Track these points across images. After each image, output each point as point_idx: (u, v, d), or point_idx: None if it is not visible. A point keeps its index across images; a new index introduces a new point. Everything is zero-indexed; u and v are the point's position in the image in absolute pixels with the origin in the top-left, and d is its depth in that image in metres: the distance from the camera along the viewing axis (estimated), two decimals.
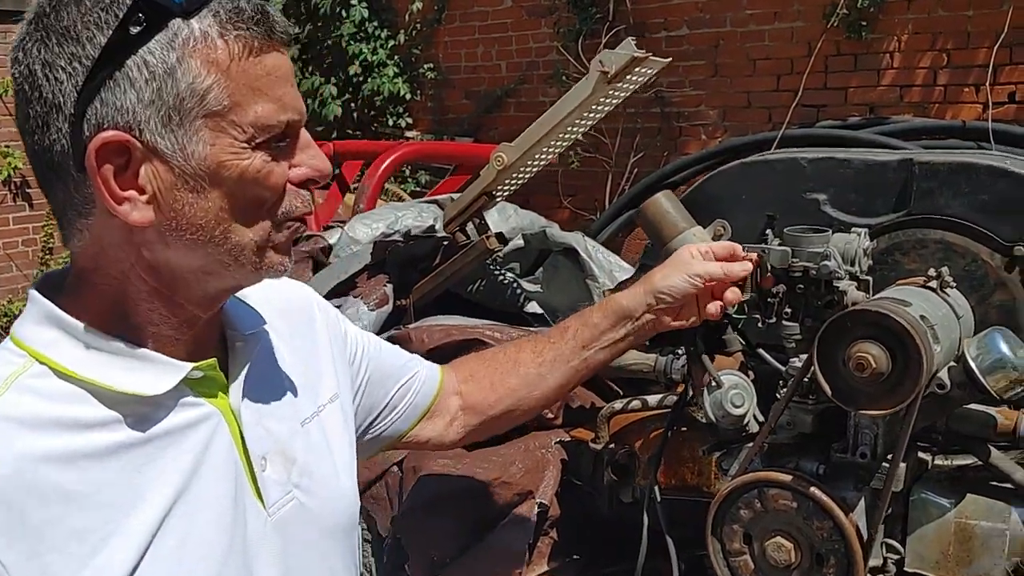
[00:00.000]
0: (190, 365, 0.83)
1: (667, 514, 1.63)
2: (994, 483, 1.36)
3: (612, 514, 1.74)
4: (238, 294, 0.94)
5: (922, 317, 1.26)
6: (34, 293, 0.83)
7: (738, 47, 5.85)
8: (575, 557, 1.81)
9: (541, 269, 2.40)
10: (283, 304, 1.04)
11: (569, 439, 1.81)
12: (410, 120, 7.12)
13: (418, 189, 6.01)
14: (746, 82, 5.86)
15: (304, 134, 0.86)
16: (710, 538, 1.44)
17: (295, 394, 0.98)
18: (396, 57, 7.05)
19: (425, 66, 7.09)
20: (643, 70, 1.79)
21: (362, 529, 1.79)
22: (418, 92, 7.14)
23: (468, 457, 1.74)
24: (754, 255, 1.35)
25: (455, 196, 2.24)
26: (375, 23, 6.98)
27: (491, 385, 1.33)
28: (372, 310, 1.99)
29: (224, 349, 0.91)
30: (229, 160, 0.79)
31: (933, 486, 1.39)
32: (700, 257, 1.30)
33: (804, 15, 5.47)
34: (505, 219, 2.53)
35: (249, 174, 0.80)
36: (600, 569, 1.79)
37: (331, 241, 2.38)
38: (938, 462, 1.41)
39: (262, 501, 0.89)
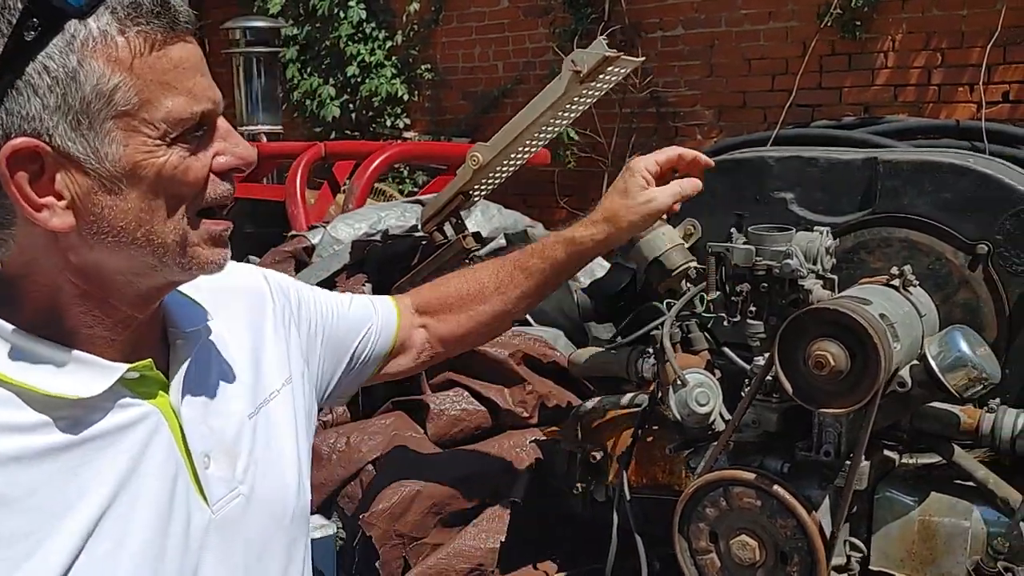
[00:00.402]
0: (125, 366, 0.83)
1: (641, 513, 1.63)
2: (958, 481, 1.36)
3: (587, 513, 1.74)
4: (189, 285, 0.93)
5: (882, 315, 1.26)
6: None
7: (733, 47, 5.86)
8: (551, 556, 1.81)
9: None
10: (232, 291, 1.03)
11: (544, 438, 1.81)
12: (408, 121, 7.14)
13: (415, 189, 6.02)
14: (741, 82, 5.87)
15: (222, 122, 0.85)
16: (677, 536, 1.45)
17: (242, 387, 0.98)
18: (394, 58, 7.07)
19: (422, 67, 7.11)
20: (616, 69, 1.79)
21: (337, 528, 1.79)
22: (416, 93, 7.16)
23: (442, 455, 1.75)
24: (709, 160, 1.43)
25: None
26: (373, 24, 7.00)
27: (458, 317, 1.40)
28: None
29: (166, 347, 0.91)
30: (144, 159, 0.78)
31: (898, 484, 1.39)
32: (650, 187, 1.38)
33: (799, 15, 5.47)
34: (488, 219, 2.54)
35: (166, 171, 0.79)
36: (575, 568, 1.79)
37: (314, 241, 2.39)
38: (904, 461, 1.41)
39: (205, 499, 0.89)
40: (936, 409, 1.36)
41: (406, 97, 7.09)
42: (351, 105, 7.09)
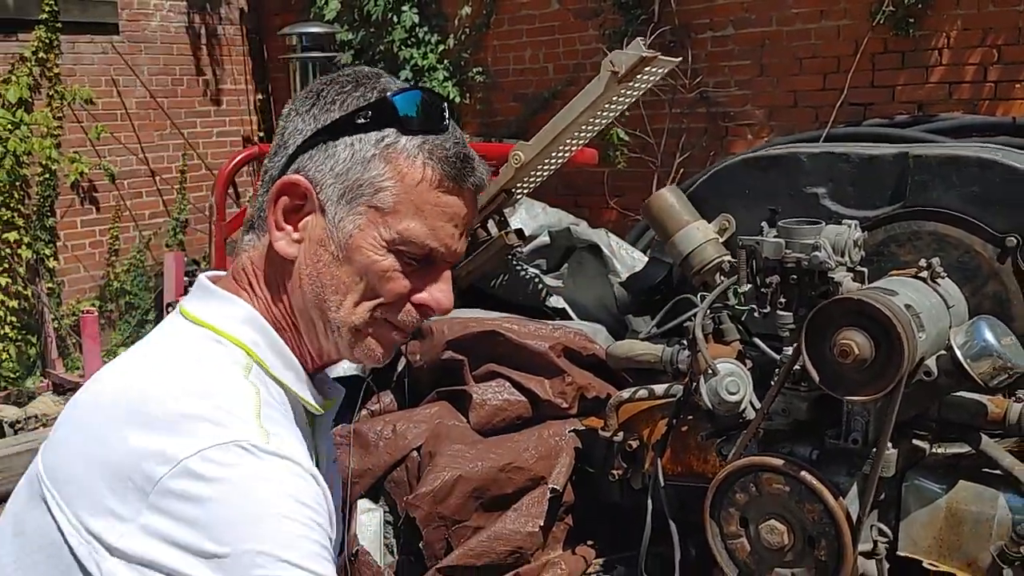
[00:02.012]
0: (321, 399, 1.00)
1: (676, 499, 1.68)
2: (986, 470, 1.38)
3: (624, 501, 1.80)
4: None
5: (907, 306, 1.29)
6: (229, 295, 0.99)
7: (784, 46, 5.82)
8: (589, 542, 1.87)
9: (566, 265, 2.46)
10: None
11: (582, 428, 1.87)
12: (460, 123, 7.21)
13: None
14: (792, 81, 5.83)
15: (446, 271, 0.99)
16: (708, 521, 1.49)
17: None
18: (446, 61, 7.17)
19: (474, 70, 7.20)
20: (653, 69, 1.84)
21: (384, 512, 1.87)
22: (467, 95, 7.25)
23: (483, 443, 1.81)
24: None
25: None
26: (425, 28, 7.11)
27: None
28: None
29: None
30: (367, 248, 0.93)
31: (926, 473, 1.42)
32: None
33: (850, 13, 5.42)
34: (533, 217, 2.60)
35: (376, 268, 0.94)
36: (612, 554, 1.84)
37: None
38: (933, 451, 1.44)
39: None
40: (964, 399, 1.39)
41: (458, 100, 7.18)
42: None
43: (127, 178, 7.43)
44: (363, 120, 0.92)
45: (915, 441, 1.45)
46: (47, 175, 6.81)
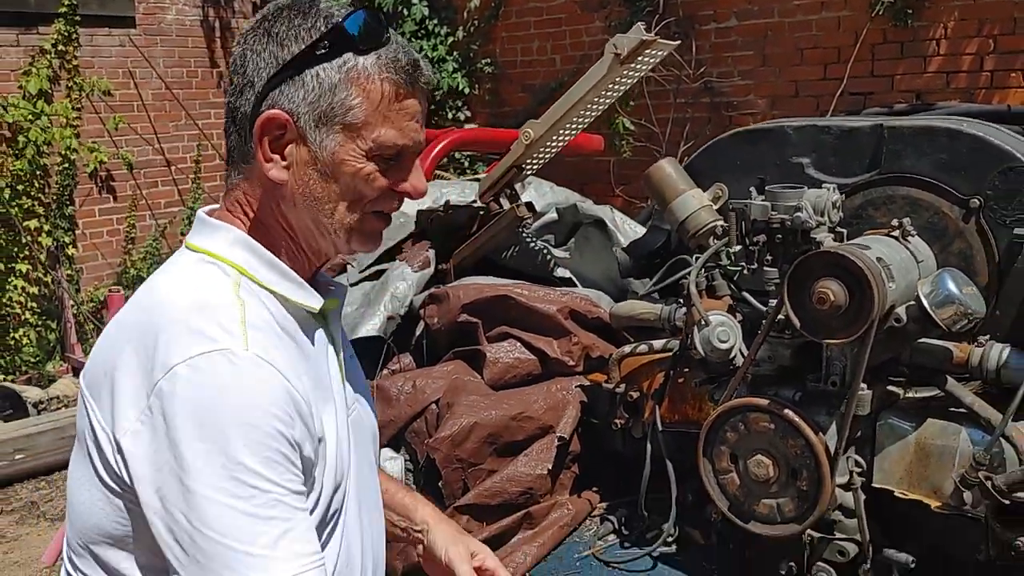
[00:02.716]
0: (321, 299, 1.13)
1: (674, 445, 1.83)
2: (952, 409, 1.53)
3: (626, 449, 1.95)
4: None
5: (879, 259, 1.44)
6: (214, 219, 1.14)
7: (786, 37, 5.95)
8: (594, 488, 2.02)
9: (573, 239, 2.61)
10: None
11: (588, 383, 2.02)
12: (469, 113, 7.37)
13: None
14: (794, 71, 5.96)
15: (416, 161, 1.13)
16: (701, 460, 1.64)
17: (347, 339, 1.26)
18: (455, 53, 7.32)
19: (483, 61, 7.35)
20: (653, 52, 1.99)
21: (405, 460, 2.03)
22: (476, 86, 7.40)
23: (496, 395, 1.97)
24: None
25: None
26: (435, 21, 7.26)
27: None
28: (416, 271, 2.23)
29: (325, 292, 1.21)
30: (349, 161, 1.07)
31: (899, 413, 1.57)
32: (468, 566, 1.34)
33: (851, 4, 5.55)
34: (542, 195, 2.75)
35: (360, 175, 1.08)
36: (616, 499, 2.00)
37: None
38: (907, 395, 1.59)
39: (347, 404, 1.17)
40: (932, 345, 1.54)
41: (467, 90, 7.33)
42: None
43: (143, 168, 7.59)
44: (323, 51, 1.04)
45: (890, 387, 1.60)
46: (66, 164, 6.97)
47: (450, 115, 7.53)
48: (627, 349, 1.87)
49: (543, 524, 1.83)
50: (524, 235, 2.36)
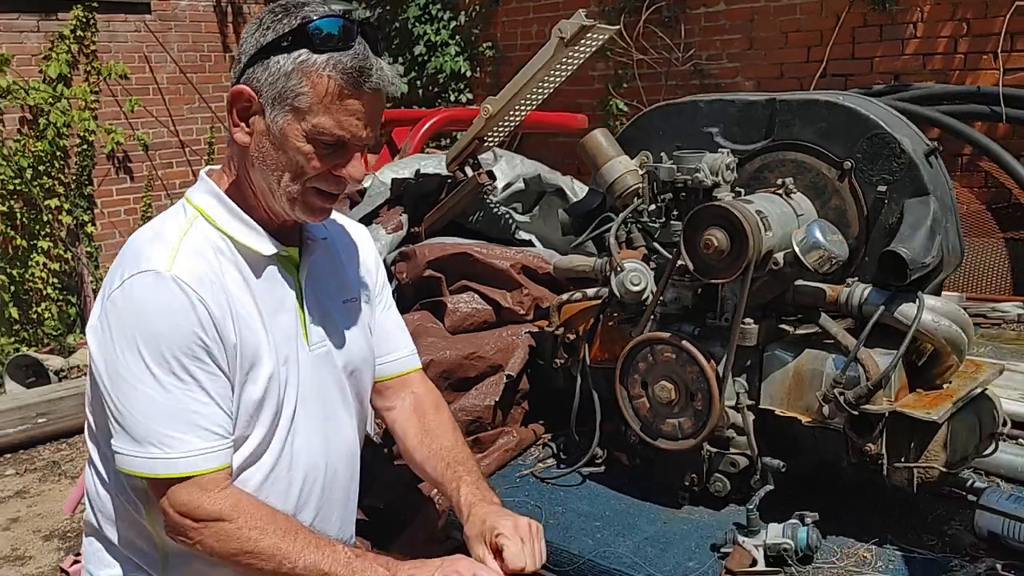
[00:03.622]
0: (281, 247, 1.42)
1: (604, 381, 2.09)
2: (827, 341, 1.79)
3: (565, 385, 2.21)
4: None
5: (758, 211, 1.70)
6: (203, 174, 1.44)
7: (771, 21, 6.18)
8: (540, 422, 2.29)
9: (537, 207, 2.87)
10: (349, 233, 1.66)
11: (535, 329, 2.29)
12: (471, 95, 7.64)
13: None
14: (779, 54, 6.19)
15: (356, 154, 1.39)
16: (618, 387, 1.91)
17: (340, 284, 1.54)
18: (457, 37, 7.59)
19: (484, 44, 7.61)
20: (595, 35, 2.24)
21: None
22: (478, 69, 7.66)
23: (452, 338, 2.24)
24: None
25: None
26: (438, 6, 7.52)
27: (412, 432, 1.73)
28: (389, 233, 2.50)
29: (302, 244, 1.47)
30: (292, 138, 1.34)
31: (783, 345, 1.82)
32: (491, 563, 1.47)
33: None
34: (512, 167, 3.01)
35: (301, 152, 1.35)
36: (557, 431, 2.27)
37: (365, 185, 2.90)
38: (793, 332, 1.85)
39: (308, 340, 1.45)
40: (810, 286, 1.80)
41: (469, 73, 7.59)
42: (418, 82, 7.63)
43: (159, 149, 7.90)
44: (286, 43, 1.31)
45: (782, 325, 1.86)
46: (85, 146, 7.29)
47: (453, 97, 7.80)
48: (565, 297, 2.13)
49: (490, 449, 2.11)
50: (490, 202, 2.62)
